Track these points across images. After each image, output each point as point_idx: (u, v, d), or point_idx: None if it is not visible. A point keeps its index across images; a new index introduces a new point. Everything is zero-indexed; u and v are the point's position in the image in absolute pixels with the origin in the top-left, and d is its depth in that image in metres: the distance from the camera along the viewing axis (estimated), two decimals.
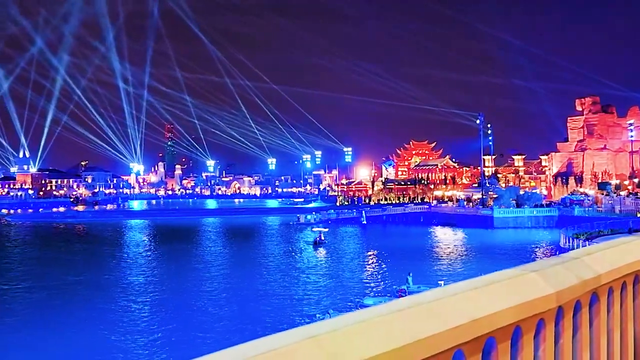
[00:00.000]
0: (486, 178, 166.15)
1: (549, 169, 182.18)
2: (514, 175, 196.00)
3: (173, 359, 37.03)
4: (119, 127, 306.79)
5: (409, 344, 2.27)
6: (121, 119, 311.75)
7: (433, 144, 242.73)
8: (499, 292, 2.90)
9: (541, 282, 3.23)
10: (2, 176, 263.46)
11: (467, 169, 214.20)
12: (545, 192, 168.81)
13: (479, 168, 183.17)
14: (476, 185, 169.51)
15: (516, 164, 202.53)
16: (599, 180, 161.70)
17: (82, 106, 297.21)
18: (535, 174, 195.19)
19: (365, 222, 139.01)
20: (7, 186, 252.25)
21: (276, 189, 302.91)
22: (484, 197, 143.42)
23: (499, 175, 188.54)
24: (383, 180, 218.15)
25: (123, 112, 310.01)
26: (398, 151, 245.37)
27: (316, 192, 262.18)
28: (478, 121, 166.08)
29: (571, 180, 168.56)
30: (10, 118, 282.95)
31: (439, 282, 54.36)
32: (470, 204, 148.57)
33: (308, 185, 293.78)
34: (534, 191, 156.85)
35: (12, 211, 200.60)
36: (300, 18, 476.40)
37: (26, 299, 56.96)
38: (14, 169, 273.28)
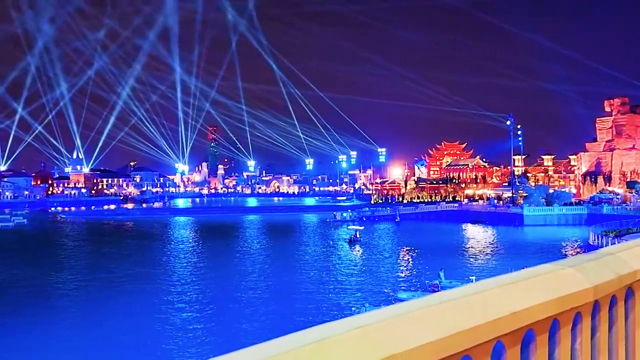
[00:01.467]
0: (516, 177, 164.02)
1: (578, 169, 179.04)
2: (543, 174, 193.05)
3: (220, 348, 37.33)
4: (167, 130, 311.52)
5: (453, 334, 2.28)
6: (169, 122, 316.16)
7: (464, 145, 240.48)
8: (537, 286, 2.90)
9: (578, 276, 3.21)
10: (57, 176, 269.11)
11: (497, 168, 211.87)
12: (574, 190, 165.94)
13: (509, 168, 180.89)
14: (506, 184, 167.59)
15: (545, 164, 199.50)
16: (628, 179, 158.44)
17: (133, 110, 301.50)
18: (565, 173, 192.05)
19: (398, 219, 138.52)
20: (62, 185, 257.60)
21: (313, 187, 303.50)
22: (514, 195, 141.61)
23: (528, 175, 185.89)
24: (415, 180, 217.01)
25: (172, 115, 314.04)
26: (430, 151, 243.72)
27: (351, 191, 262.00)
28: (508, 122, 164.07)
29: (600, 179, 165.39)
30: (66, 121, 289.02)
31: (471, 277, 53.89)
32: (501, 202, 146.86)
33: (344, 184, 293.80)
34: (563, 190, 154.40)
35: (66, 209, 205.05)
36: (340, 28, 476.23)
37: (83, 290, 58.18)
38: (68, 169, 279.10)
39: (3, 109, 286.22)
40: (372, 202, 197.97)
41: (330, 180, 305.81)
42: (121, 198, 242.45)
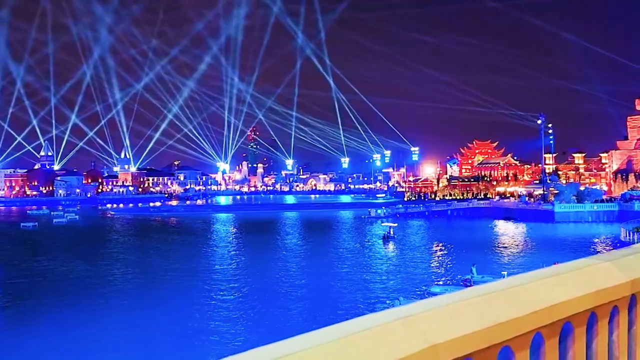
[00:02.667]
0: (547, 175, 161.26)
1: (609, 166, 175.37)
2: (574, 172, 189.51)
3: (263, 338, 37.58)
4: (212, 133, 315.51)
5: (493, 325, 2.31)
6: (213, 125, 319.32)
7: (495, 144, 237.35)
8: (575, 280, 2.91)
9: (615, 270, 3.18)
10: (107, 175, 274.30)
11: (528, 166, 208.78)
12: (605, 188, 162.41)
13: (539, 166, 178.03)
14: (537, 182, 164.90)
15: (576, 162, 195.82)
16: None
17: (178, 114, 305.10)
18: (595, 171, 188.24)
19: (431, 216, 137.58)
20: (110, 183, 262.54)
21: (349, 185, 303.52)
22: (545, 193, 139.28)
23: (559, 173, 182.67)
24: (448, 178, 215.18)
25: (217, 117, 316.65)
26: (462, 150, 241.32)
27: (385, 189, 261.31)
28: (539, 121, 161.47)
29: (631, 177, 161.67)
30: (116, 124, 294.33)
31: (502, 272, 53.22)
32: (532, 199, 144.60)
33: (378, 182, 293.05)
34: (594, 187, 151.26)
35: (115, 205, 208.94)
36: (374, 33, 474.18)
37: (132, 283, 59.12)
38: (116, 169, 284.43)
39: (61, 119, 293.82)
40: (405, 199, 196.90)
41: (365, 179, 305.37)
42: (166, 195, 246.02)
